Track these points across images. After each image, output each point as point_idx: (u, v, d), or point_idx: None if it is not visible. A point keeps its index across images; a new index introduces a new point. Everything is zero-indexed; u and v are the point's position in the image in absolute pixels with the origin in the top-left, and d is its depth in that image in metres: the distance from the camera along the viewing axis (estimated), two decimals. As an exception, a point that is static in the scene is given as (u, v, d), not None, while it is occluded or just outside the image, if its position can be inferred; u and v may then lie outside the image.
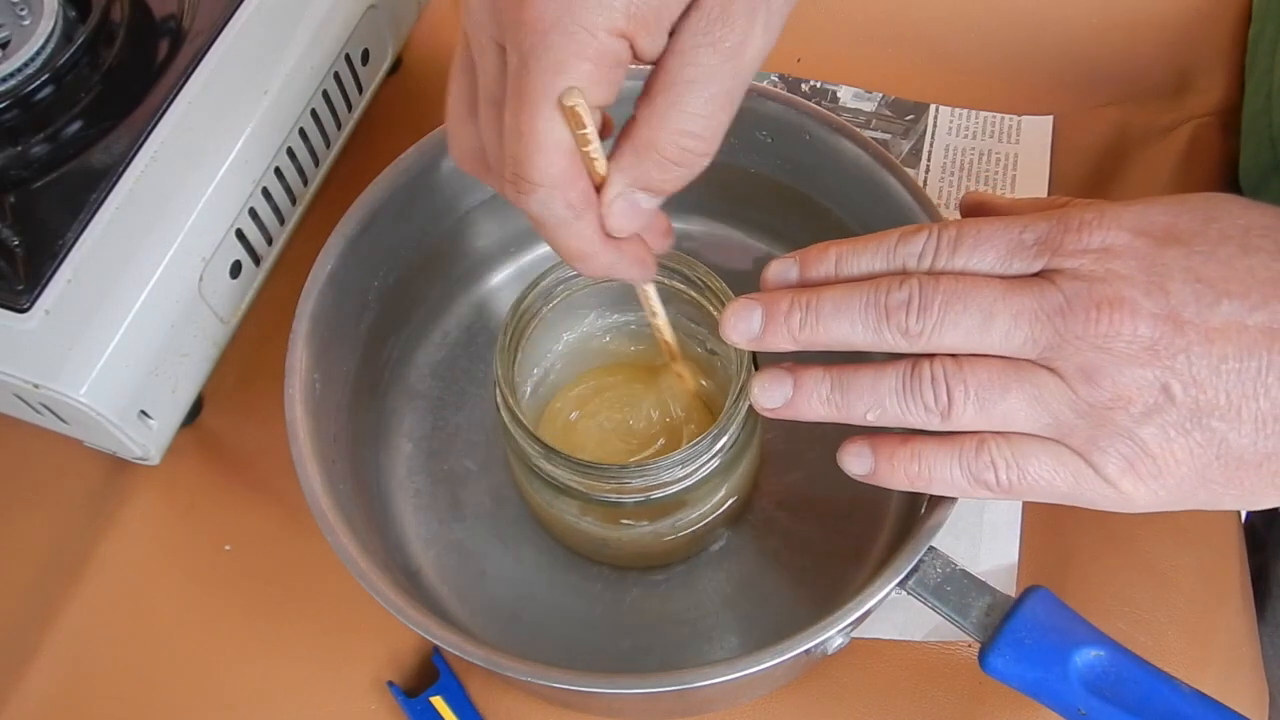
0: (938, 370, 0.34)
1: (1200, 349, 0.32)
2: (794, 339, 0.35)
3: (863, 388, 0.35)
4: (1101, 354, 0.32)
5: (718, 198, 0.52)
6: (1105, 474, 0.33)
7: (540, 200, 0.33)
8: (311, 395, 0.43)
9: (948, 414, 0.34)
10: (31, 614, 0.48)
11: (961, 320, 0.33)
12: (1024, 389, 0.33)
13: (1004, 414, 0.33)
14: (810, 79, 0.60)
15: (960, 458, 0.34)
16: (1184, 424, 0.32)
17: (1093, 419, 0.33)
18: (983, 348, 0.33)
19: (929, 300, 0.33)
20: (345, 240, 0.45)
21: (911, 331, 0.34)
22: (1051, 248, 0.33)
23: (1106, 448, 0.33)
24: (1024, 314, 0.33)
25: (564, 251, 0.35)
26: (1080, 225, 0.33)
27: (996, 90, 0.60)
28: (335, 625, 0.47)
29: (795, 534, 0.47)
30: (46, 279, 0.43)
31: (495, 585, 0.47)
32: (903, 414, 0.34)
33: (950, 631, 0.39)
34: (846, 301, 0.35)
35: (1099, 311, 0.32)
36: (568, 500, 0.42)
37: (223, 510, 0.50)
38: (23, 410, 0.46)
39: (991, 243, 0.34)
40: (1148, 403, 0.32)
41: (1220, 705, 0.36)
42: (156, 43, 0.49)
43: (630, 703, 0.42)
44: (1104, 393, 0.32)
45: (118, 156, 0.45)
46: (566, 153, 0.32)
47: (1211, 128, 0.57)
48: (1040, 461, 0.34)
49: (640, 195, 0.34)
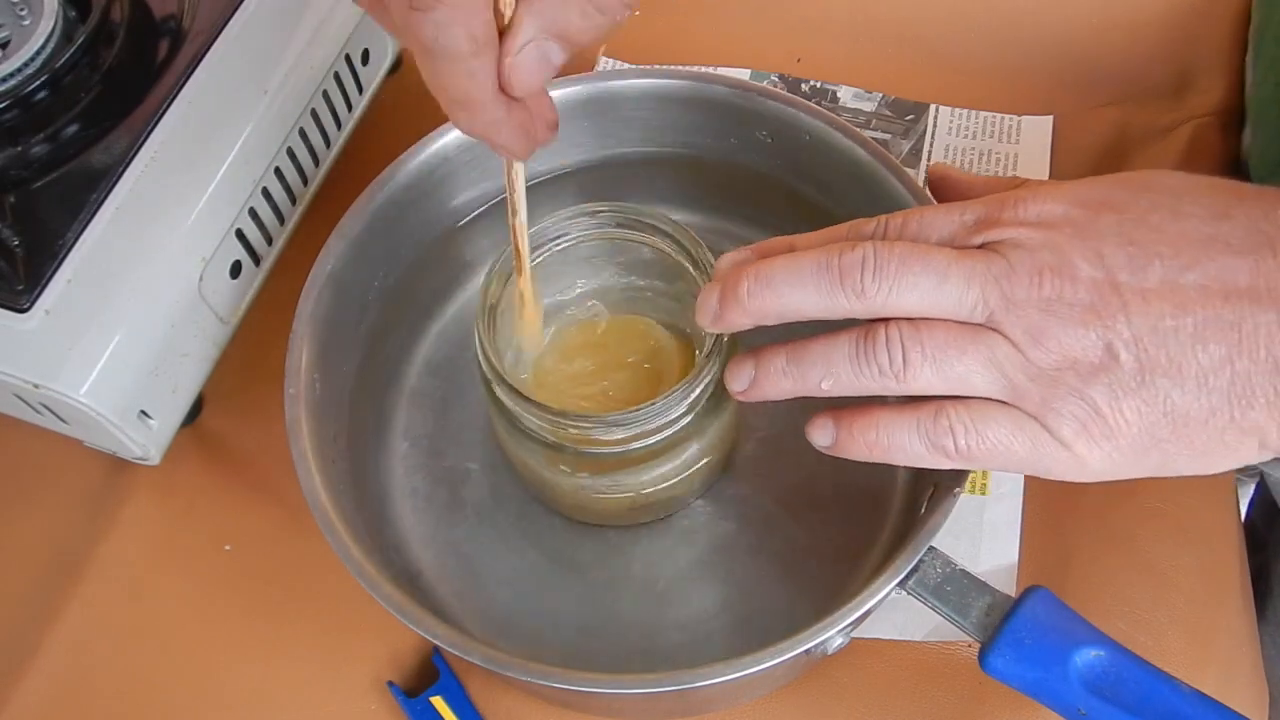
0: (893, 332, 0.34)
1: (1138, 309, 0.32)
2: (746, 310, 0.36)
3: (816, 355, 0.35)
4: (1046, 316, 0.33)
5: (717, 197, 0.52)
6: (1060, 436, 0.33)
7: (437, 22, 0.30)
8: (311, 395, 0.43)
9: (903, 376, 0.34)
10: (31, 614, 0.48)
11: (919, 282, 0.34)
12: (979, 350, 0.34)
13: (960, 376, 0.34)
14: (810, 79, 0.60)
15: (919, 424, 0.35)
16: (1129, 383, 0.33)
17: (1044, 382, 0.33)
18: (937, 310, 0.34)
19: (884, 260, 0.34)
20: (345, 240, 0.45)
21: (868, 292, 0.34)
22: (991, 222, 0.34)
23: (1060, 409, 0.33)
24: (974, 276, 0.33)
25: (449, 93, 0.32)
26: (1017, 201, 0.34)
27: (996, 90, 0.60)
28: (335, 625, 0.47)
29: (796, 534, 0.47)
30: (46, 279, 0.43)
31: (495, 585, 0.47)
32: (857, 378, 0.35)
33: (950, 631, 0.39)
34: (797, 266, 0.35)
35: (1041, 276, 0.33)
36: (547, 452, 0.42)
37: (223, 510, 0.50)
38: (23, 410, 0.46)
39: (935, 224, 0.35)
40: (1093, 362, 0.33)
41: (1220, 705, 0.36)
42: (156, 43, 0.49)
43: (630, 703, 0.42)
44: (1051, 354, 0.33)
45: (118, 156, 0.45)
46: None
47: (1211, 128, 0.57)
48: (999, 426, 0.34)
49: (553, 45, 0.31)
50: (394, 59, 0.56)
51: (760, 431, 0.49)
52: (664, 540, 0.47)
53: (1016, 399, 0.34)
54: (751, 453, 0.48)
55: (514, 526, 0.48)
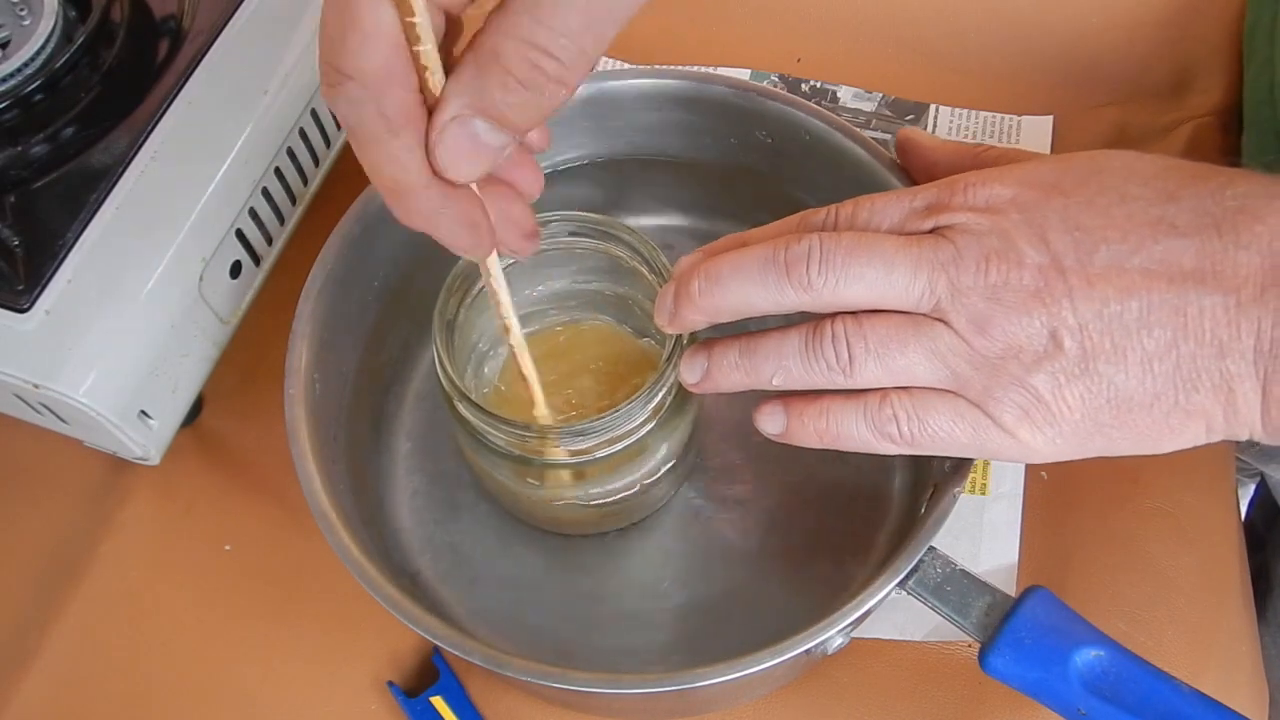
0: (838, 328, 0.34)
1: (1083, 294, 0.32)
2: (697, 308, 0.36)
3: (768, 350, 0.36)
4: (991, 304, 0.33)
5: (716, 197, 0.52)
6: (1002, 423, 0.34)
7: (349, 99, 0.27)
8: (311, 395, 0.43)
9: (849, 371, 0.34)
10: (31, 614, 0.48)
11: (865, 273, 0.34)
12: (921, 343, 0.34)
13: (904, 368, 0.34)
14: (810, 79, 0.60)
15: (865, 412, 0.35)
16: (1073, 370, 0.33)
17: (986, 370, 0.33)
18: (884, 301, 0.34)
19: (830, 252, 0.34)
20: (345, 240, 0.45)
21: (814, 284, 0.34)
22: (940, 207, 0.34)
23: (1001, 398, 0.33)
24: (922, 263, 0.33)
25: (377, 179, 0.29)
26: (966, 184, 0.34)
27: (996, 90, 0.60)
28: (335, 625, 0.47)
29: (795, 533, 0.47)
30: (46, 279, 0.43)
31: (494, 585, 0.47)
32: (807, 373, 0.35)
33: (950, 631, 0.39)
34: (744, 261, 0.35)
35: (988, 262, 0.33)
36: (514, 465, 0.42)
37: (223, 510, 0.50)
38: (23, 410, 0.46)
39: (885, 212, 0.35)
40: (1037, 351, 0.33)
41: (1220, 705, 0.36)
42: (156, 43, 0.49)
43: (630, 703, 0.42)
44: (995, 343, 0.33)
45: (117, 156, 0.45)
46: (390, 44, 0.27)
47: (1211, 127, 0.57)
48: (940, 413, 0.34)
49: (480, 124, 0.28)
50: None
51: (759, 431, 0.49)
52: (663, 540, 0.47)
53: (959, 387, 0.34)
54: (751, 453, 0.48)
55: (513, 527, 0.48)
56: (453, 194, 0.30)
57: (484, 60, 0.27)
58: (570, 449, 0.41)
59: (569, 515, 0.46)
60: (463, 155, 0.29)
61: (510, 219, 0.34)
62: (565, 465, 0.42)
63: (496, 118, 0.28)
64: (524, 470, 0.43)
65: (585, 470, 0.42)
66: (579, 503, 0.44)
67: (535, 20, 0.27)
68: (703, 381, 0.38)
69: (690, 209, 0.53)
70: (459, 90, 0.28)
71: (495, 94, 0.28)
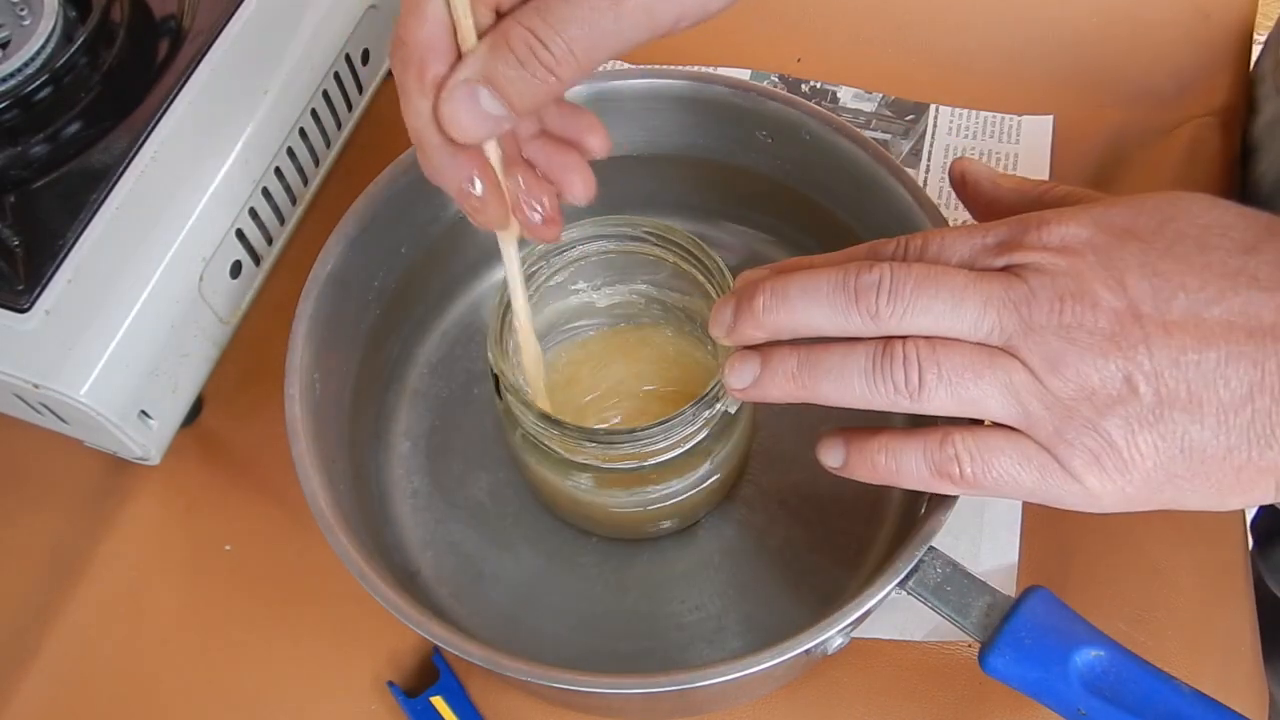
0: (910, 350, 0.34)
1: (1160, 342, 0.32)
2: (760, 324, 0.35)
3: (830, 365, 0.35)
4: (1066, 345, 0.32)
5: (717, 198, 0.52)
6: (1071, 468, 0.33)
7: (399, 60, 0.33)
8: (311, 395, 0.43)
9: (918, 395, 0.34)
10: (31, 614, 0.48)
11: (933, 305, 0.33)
12: (996, 375, 0.33)
13: (975, 399, 0.33)
14: (810, 79, 0.60)
15: (925, 450, 0.35)
16: (1147, 417, 0.32)
17: (1059, 411, 0.33)
18: (951, 333, 0.33)
19: (900, 283, 0.34)
20: (345, 240, 0.45)
21: (882, 314, 0.34)
22: (1013, 245, 0.34)
23: (1073, 440, 0.33)
24: (992, 301, 0.33)
25: (410, 130, 0.34)
26: (1040, 223, 0.34)
27: (996, 90, 0.60)
28: (335, 625, 0.47)
29: (796, 533, 0.47)
30: (46, 279, 0.43)
31: (494, 585, 0.47)
32: (871, 394, 0.34)
33: (950, 631, 0.39)
34: (814, 283, 0.35)
35: (1062, 303, 0.32)
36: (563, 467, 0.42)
37: (223, 510, 0.50)
38: (23, 410, 0.46)
39: (955, 247, 0.35)
40: (1111, 394, 0.32)
41: (1220, 705, 0.36)
42: (156, 43, 0.49)
43: (630, 703, 0.42)
44: (1069, 384, 0.32)
45: (118, 156, 0.45)
46: (436, 24, 0.32)
47: (1211, 128, 0.57)
48: (1006, 456, 0.34)
49: (483, 91, 0.32)
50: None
51: (761, 430, 0.49)
52: (663, 540, 0.47)
53: (1029, 427, 0.33)
54: (752, 453, 0.48)
55: (513, 527, 0.48)
56: (461, 155, 0.34)
57: (495, 38, 0.32)
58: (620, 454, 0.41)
59: (611, 519, 0.46)
60: (461, 114, 0.33)
61: (537, 203, 0.37)
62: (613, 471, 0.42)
63: (498, 87, 0.32)
64: (573, 472, 0.42)
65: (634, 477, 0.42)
66: (622, 509, 0.44)
67: (541, 16, 0.31)
68: (752, 388, 0.36)
69: (690, 209, 0.53)
70: (473, 60, 0.32)
71: (499, 68, 0.32)
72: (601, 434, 0.40)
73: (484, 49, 0.32)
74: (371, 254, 0.47)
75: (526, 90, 0.32)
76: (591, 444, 0.40)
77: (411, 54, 0.32)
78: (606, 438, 0.40)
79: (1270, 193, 0.54)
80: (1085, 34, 0.61)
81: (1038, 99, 0.59)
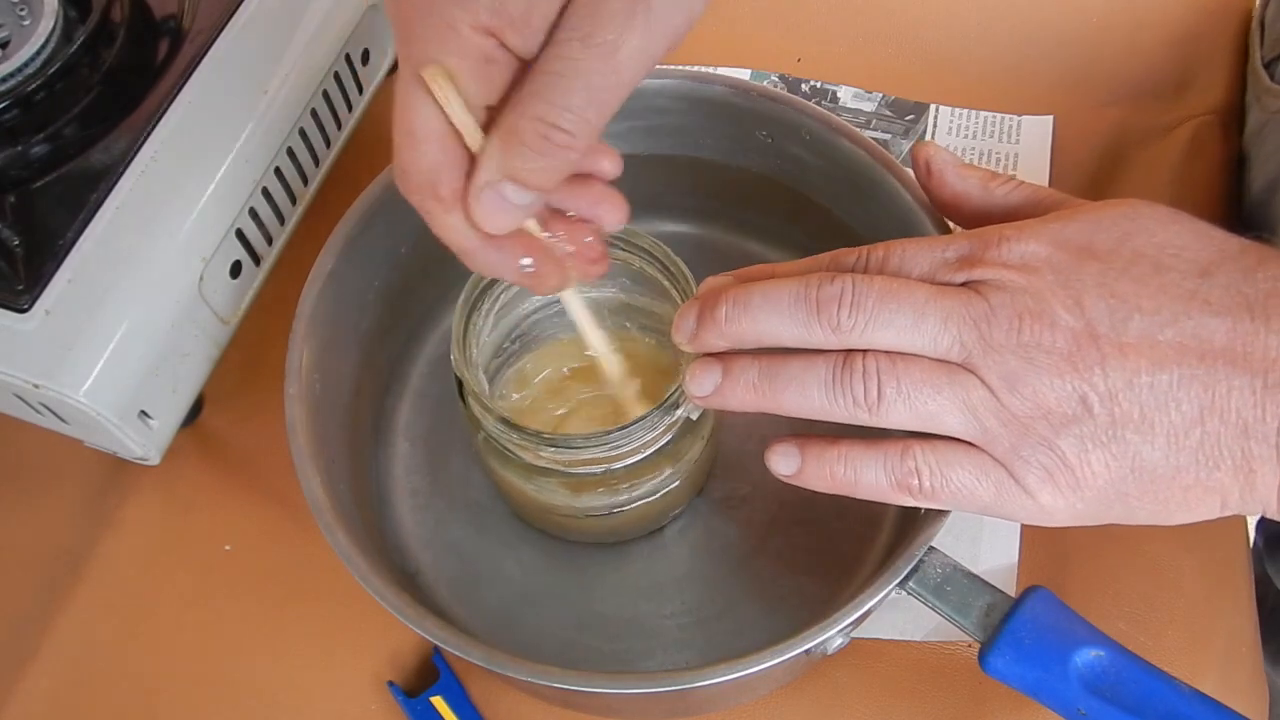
0: (870, 364, 0.34)
1: (1115, 363, 0.32)
2: (722, 333, 0.36)
3: (790, 376, 0.35)
4: (1024, 364, 0.33)
5: (717, 198, 0.52)
6: (1025, 484, 0.33)
7: (410, 189, 0.33)
8: (311, 395, 0.43)
9: (875, 409, 0.34)
10: (31, 614, 0.48)
11: (894, 320, 0.33)
12: (955, 392, 0.33)
13: (933, 414, 0.34)
14: (810, 79, 0.60)
15: (885, 462, 0.35)
16: (1100, 436, 0.33)
17: (1015, 429, 0.33)
18: (911, 348, 0.34)
19: (862, 296, 0.34)
20: (345, 240, 0.45)
21: (843, 327, 0.34)
22: (974, 261, 0.34)
23: (1028, 457, 0.33)
24: (952, 317, 0.33)
25: (449, 245, 0.34)
26: (1000, 239, 0.34)
27: (996, 90, 0.60)
28: (335, 625, 0.47)
29: (795, 533, 0.47)
30: (46, 279, 0.43)
31: (494, 585, 0.47)
32: (830, 406, 0.34)
33: (950, 631, 0.39)
34: (775, 293, 0.35)
35: (1021, 321, 0.33)
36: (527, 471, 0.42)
37: (223, 510, 0.50)
38: (23, 410, 0.46)
39: (916, 259, 0.35)
40: (1066, 414, 0.33)
41: (1220, 705, 0.36)
42: (156, 43, 0.49)
43: (630, 703, 0.42)
44: (1026, 402, 0.33)
45: (118, 156, 0.45)
46: (436, 139, 0.32)
47: (1211, 127, 0.57)
48: (964, 470, 0.34)
49: (509, 187, 0.32)
50: (394, 59, 0.56)
51: (761, 430, 0.49)
52: (663, 540, 0.47)
53: (986, 443, 0.34)
54: (752, 453, 0.48)
55: (513, 527, 0.48)
56: (504, 244, 0.35)
57: (504, 134, 0.32)
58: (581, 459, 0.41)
59: (577, 525, 0.46)
60: (495, 213, 0.33)
61: (583, 248, 0.37)
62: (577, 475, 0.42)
63: (520, 180, 0.32)
64: (537, 476, 0.42)
65: (595, 481, 0.42)
66: (586, 515, 0.44)
67: (542, 101, 0.31)
68: (713, 395, 0.37)
69: (689, 209, 0.53)
70: (487, 161, 0.32)
71: (516, 163, 0.32)
72: (562, 439, 0.40)
73: (496, 149, 0.32)
74: (372, 254, 0.47)
75: (549, 169, 0.32)
76: (552, 448, 0.40)
77: (422, 180, 0.33)
78: (567, 442, 0.40)
79: (1258, 201, 0.54)
80: (1085, 34, 0.61)
81: (1037, 99, 0.59)
